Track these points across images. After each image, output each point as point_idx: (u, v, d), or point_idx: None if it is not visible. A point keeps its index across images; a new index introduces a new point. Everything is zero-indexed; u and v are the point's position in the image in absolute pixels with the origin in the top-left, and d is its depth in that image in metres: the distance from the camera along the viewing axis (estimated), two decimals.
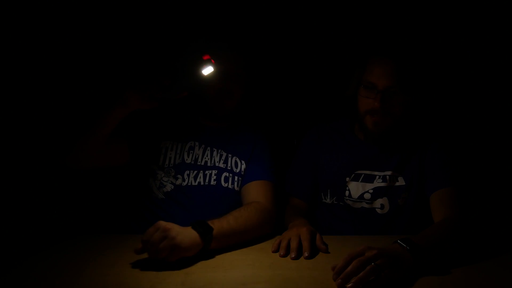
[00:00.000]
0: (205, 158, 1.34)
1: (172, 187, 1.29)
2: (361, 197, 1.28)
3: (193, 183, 1.29)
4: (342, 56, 1.58)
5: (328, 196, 1.33)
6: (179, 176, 1.30)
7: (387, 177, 1.27)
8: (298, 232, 1.04)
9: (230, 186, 1.31)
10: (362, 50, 1.32)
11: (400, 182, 1.27)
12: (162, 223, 0.92)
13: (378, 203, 1.27)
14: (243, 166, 1.34)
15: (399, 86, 1.18)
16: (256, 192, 1.27)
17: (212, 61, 1.17)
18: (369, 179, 1.29)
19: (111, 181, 1.52)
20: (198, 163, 1.32)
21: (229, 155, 1.35)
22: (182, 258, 0.91)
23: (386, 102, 1.18)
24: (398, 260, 0.83)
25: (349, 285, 0.78)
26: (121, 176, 1.45)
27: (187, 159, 1.32)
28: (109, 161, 1.29)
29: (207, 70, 1.18)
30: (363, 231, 1.27)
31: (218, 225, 1.01)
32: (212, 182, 1.30)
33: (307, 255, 0.97)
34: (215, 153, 1.35)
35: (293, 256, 0.97)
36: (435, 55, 1.53)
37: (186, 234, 0.93)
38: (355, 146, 1.34)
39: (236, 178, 1.32)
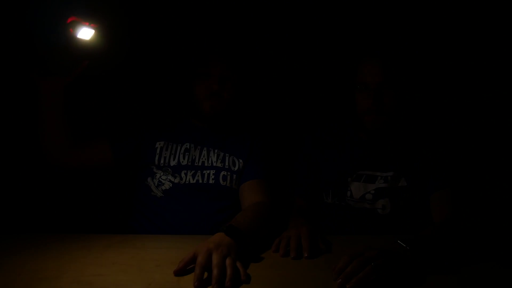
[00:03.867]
0: (202, 158, 1.34)
1: (171, 185, 1.29)
2: (362, 197, 1.27)
3: (191, 181, 1.30)
4: (339, 57, 1.58)
5: (330, 196, 1.33)
6: (176, 174, 1.30)
7: (389, 177, 1.26)
8: (298, 232, 1.03)
9: (228, 184, 1.32)
10: (353, 51, 1.34)
11: (402, 183, 1.27)
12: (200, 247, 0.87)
13: (379, 203, 1.27)
14: (241, 165, 1.35)
15: (389, 82, 1.21)
16: (258, 191, 1.27)
17: (85, 23, 1.09)
18: (371, 179, 1.28)
19: (110, 181, 1.53)
20: (195, 164, 1.33)
21: (226, 154, 1.36)
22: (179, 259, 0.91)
23: (379, 100, 1.21)
24: (398, 260, 0.83)
25: (349, 285, 0.77)
26: (120, 176, 1.46)
27: (183, 161, 1.32)
28: (90, 161, 1.31)
29: (85, 34, 1.10)
30: (364, 231, 1.27)
31: (246, 229, 0.99)
32: (211, 181, 1.31)
33: (306, 255, 0.96)
34: (211, 153, 1.35)
35: (293, 256, 0.96)
36: (426, 51, 1.54)
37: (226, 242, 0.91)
38: (357, 146, 1.33)
39: (234, 176, 1.33)
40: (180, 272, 0.85)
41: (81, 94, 1.52)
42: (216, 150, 1.36)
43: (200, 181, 1.30)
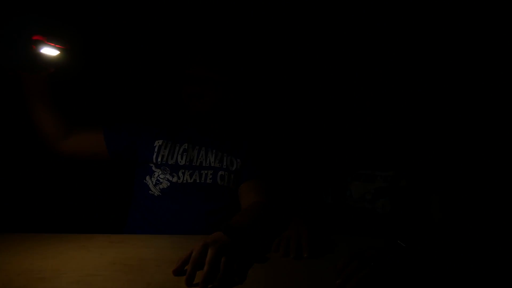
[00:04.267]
0: (200, 158, 1.35)
1: (168, 184, 1.29)
2: (362, 197, 1.27)
3: (189, 180, 1.30)
4: (339, 57, 1.58)
5: (330, 196, 1.33)
6: (174, 174, 1.30)
7: (389, 177, 1.26)
8: (298, 232, 1.03)
9: (226, 184, 1.32)
10: (353, 52, 1.34)
11: (402, 182, 1.27)
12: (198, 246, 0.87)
13: (379, 203, 1.27)
14: (239, 164, 1.35)
15: None
16: (257, 191, 1.28)
17: (50, 43, 1.07)
18: (371, 179, 1.28)
19: (108, 180, 1.53)
20: (193, 164, 1.33)
21: (224, 154, 1.36)
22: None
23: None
24: (398, 260, 0.83)
25: (350, 285, 0.77)
26: (119, 175, 1.46)
27: (181, 161, 1.33)
28: (86, 149, 1.30)
29: (50, 51, 1.08)
30: (364, 231, 1.27)
31: (244, 228, 1.00)
32: (208, 181, 1.31)
33: (306, 255, 0.96)
34: (209, 153, 1.36)
35: (292, 256, 0.96)
36: (427, 52, 1.54)
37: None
38: (357, 145, 1.33)
39: (232, 176, 1.33)
40: (178, 271, 0.84)
41: (77, 94, 1.52)
42: (214, 150, 1.36)
43: (198, 181, 1.31)
